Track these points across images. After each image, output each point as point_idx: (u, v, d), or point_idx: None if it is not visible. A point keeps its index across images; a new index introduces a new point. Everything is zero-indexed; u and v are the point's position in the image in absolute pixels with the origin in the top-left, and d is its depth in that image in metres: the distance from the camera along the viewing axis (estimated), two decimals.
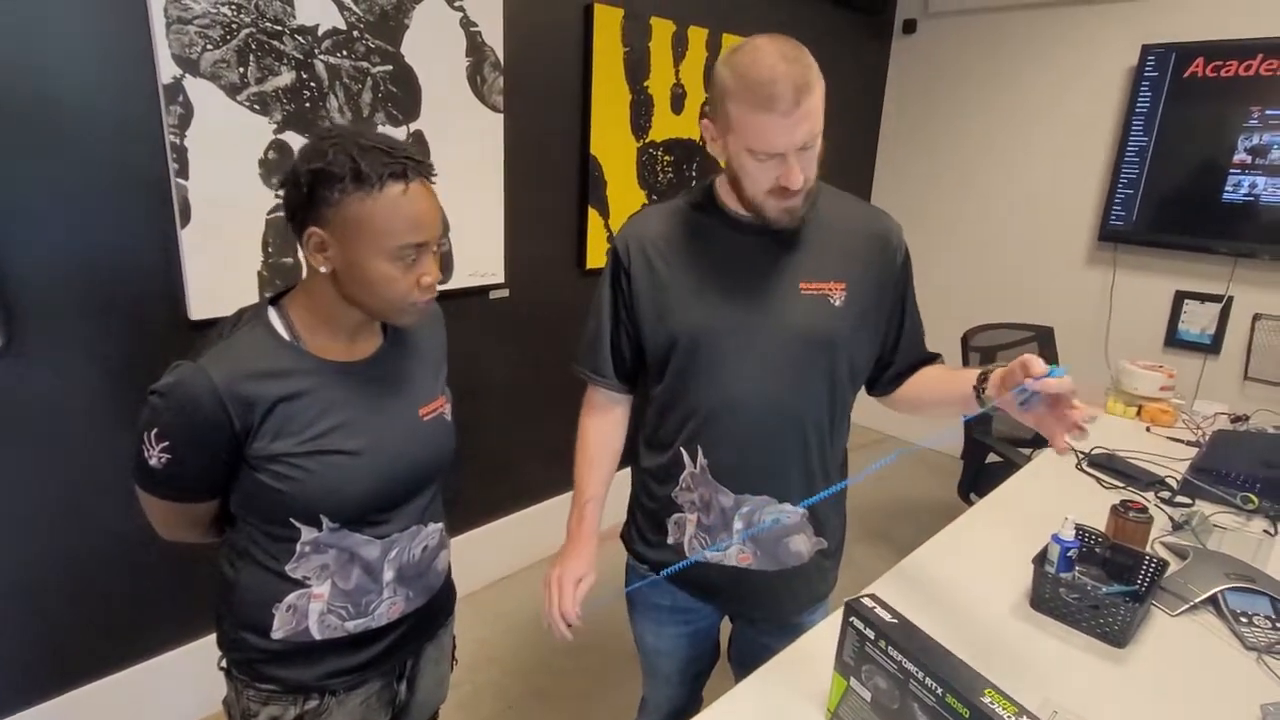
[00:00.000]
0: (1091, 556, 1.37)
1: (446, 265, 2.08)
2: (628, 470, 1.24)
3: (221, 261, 1.63)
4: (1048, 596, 1.25)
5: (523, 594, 2.50)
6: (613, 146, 2.40)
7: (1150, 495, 1.71)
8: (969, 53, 3.41)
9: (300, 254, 0.91)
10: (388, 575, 0.97)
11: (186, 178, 1.55)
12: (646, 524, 1.21)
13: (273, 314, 0.91)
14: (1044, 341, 2.64)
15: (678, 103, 2.58)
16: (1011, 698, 0.82)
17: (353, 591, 0.95)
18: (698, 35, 2.57)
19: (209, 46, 1.52)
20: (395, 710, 1.11)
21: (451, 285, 2.10)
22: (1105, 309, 3.17)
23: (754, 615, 1.25)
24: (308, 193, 0.83)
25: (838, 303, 1.05)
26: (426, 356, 1.05)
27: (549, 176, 2.33)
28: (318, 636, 0.95)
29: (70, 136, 1.43)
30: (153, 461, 0.86)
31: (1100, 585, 1.30)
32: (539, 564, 2.66)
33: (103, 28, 1.43)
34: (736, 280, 1.05)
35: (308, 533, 0.91)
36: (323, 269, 0.86)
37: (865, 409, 3.94)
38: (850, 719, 0.99)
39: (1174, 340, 3.03)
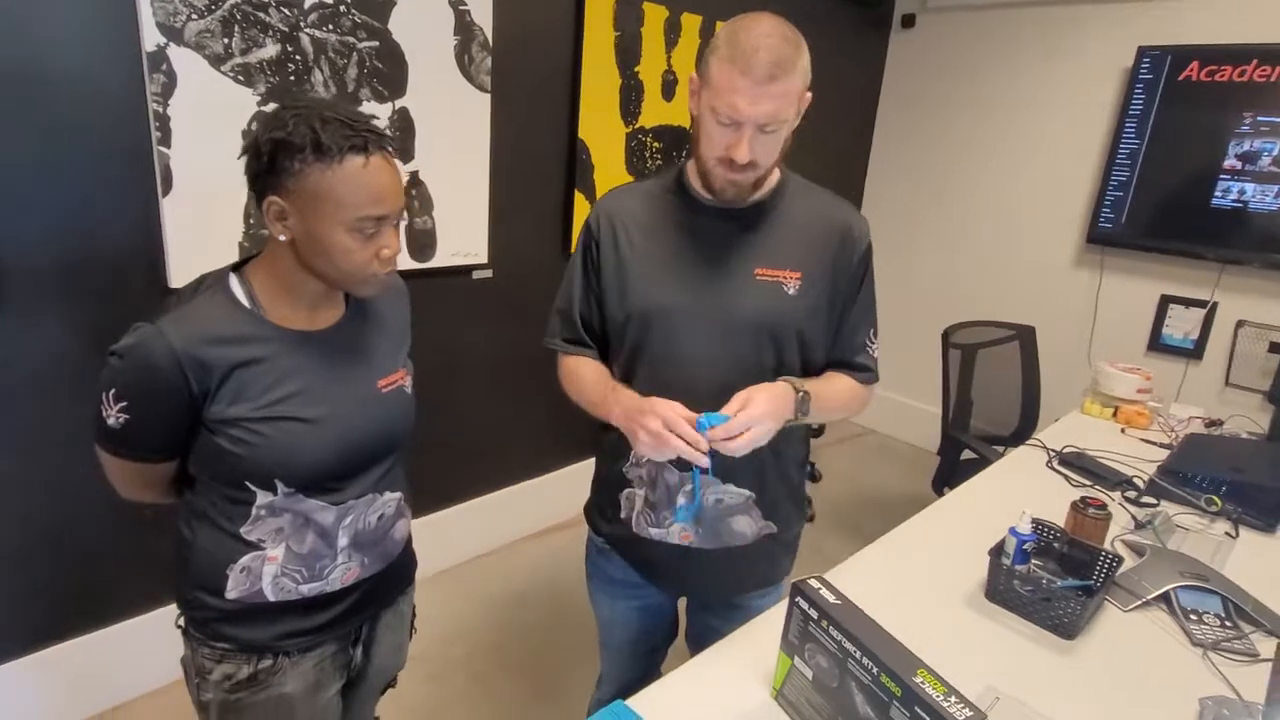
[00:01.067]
0: (1049, 551, 1.39)
1: (429, 244, 2.08)
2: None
3: (203, 231, 1.63)
4: (1001, 588, 1.28)
5: (499, 572, 2.52)
6: (601, 131, 2.40)
7: (1116, 494, 1.73)
8: (966, 49, 3.40)
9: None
10: (342, 541, 0.99)
11: (169, 146, 1.56)
12: (603, 498, 1.23)
13: (234, 281, 0.92)
14: (1025, 341, 2.65)
15: (669, 89, 2.58)
16: (943, 679, 0.84)
17: (307, 555, 0.97)
18: (691, 22, 2.56)
19: (193, 16, 1.53)
20: (351, 674, 1.13)
21: (434, 264, 2.11)
22: (1090, 311, 3.18)
23: (697, 594, 1.27)
24: (268, 161, 0.84)
25: (792, 291, 1.06)
26: (389, 329, 1.06)
27: (535, 159, 2.33)
28: (271, 598, 0.97)
29: (52, 102, 1.43)
30: (111, 421, 0.87)
31: (1055, 579, 1.32)
32: (516, 543, 2.68)
33: None
34: (694, 262, 1.07)
35: (263, 496, 0.93)
36: (281, 237, 0.87)
37: None
38: (793, 697, 1.01)
39: (1157, 344, 3.04)
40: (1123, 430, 2.20)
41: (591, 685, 1.48)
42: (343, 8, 1.74)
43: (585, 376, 1.14)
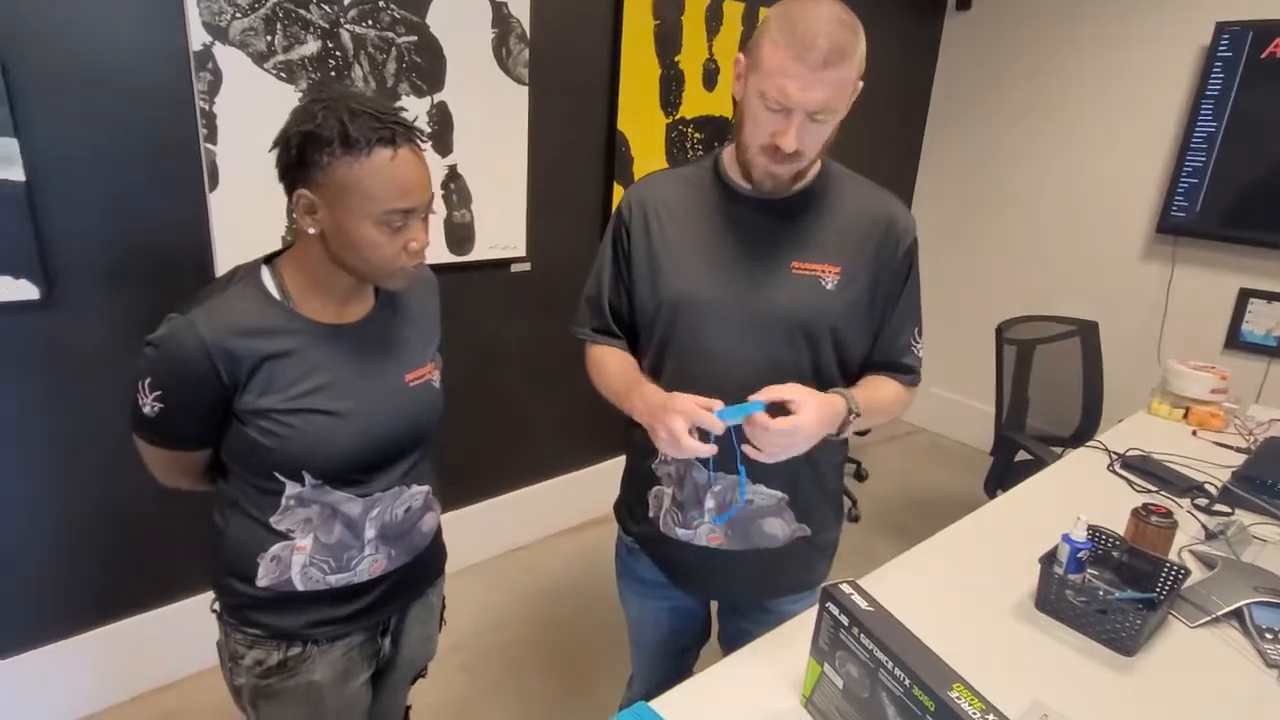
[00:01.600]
0: (1107, 560, 1.31)
1: (467, 238, 2.09)
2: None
3: (248, 225, 1.67)
4: (1053, 598, 1.21)
5: (534, 566, 2.54)
6: (641, 122, 2.37)
7: (1185, 502, 1.62)
8: (1027, 30, 3.24)
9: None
10: (369, 533, 0.99)
11: (215, 143, 1.60)
12: (631, 496, 1.20)
13: (266, 273, 0.93)
14: (1087, 337, 2.51)
15: (710, 79, 2.53)
16: (981, 695, 0.79)
17: (334, 546, 0.98)
18: (733, 10, 2.50)
19: (238, 14, 1.56)
20: (379, 664, 1.14)
21: (472, 257, 2.12)
22: (1160, 305, 3.00)
23: (726, 597, 1.24)
24: (297, 155, 0.84)
25: (830, 286, 1.01)
26: (418, 323, 1.06)
27: (574, 151, 2.32)
28: (300, 587, 0.98)
29: (105, 102, 1.49)
30: (146, 409, 0.89)
31: (1113, 590, 1.24)
32: (552, 537, 2.69)
33: None
34: (728, 253, 1.03)
35: (291, 487, 0.94)
36: (311, 230, 0.87)
37: None
38: (823, 705, 0.97)
39: (1236, 342, 2.85)
40: (1194, 433, 2.06)
41: (622, 683, 1.46)
42: (382, 3, 1.75)
43: (610, 367, 1.11)
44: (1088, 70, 3.09)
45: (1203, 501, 1.62)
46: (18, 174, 1.40)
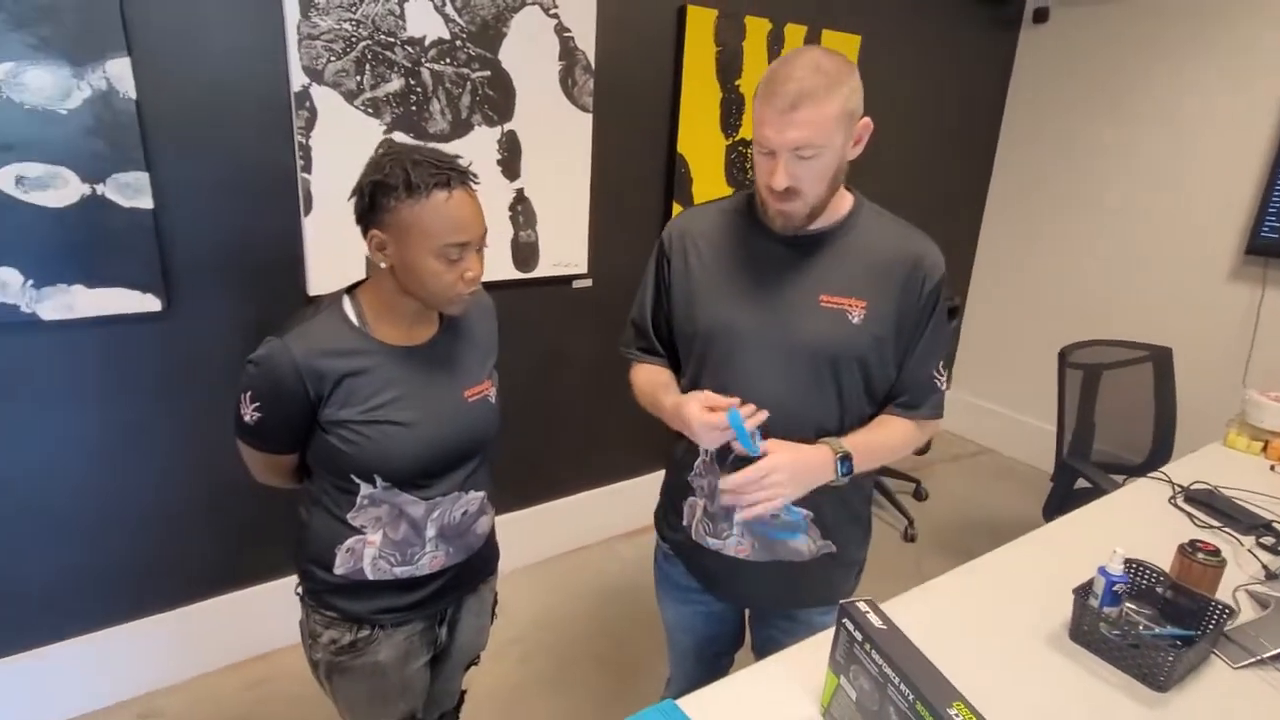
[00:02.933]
0: (1150, 595, 1.30)
1: (532, 256, 2.23)
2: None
3: (336, 246, 1.85)
4: (1086, 629, 1.21)
5: (592, 567, 2.65)
6: (701, 144, 2.46)
7: (1250, 539, 1.57)
8: (1108, 42, 3.14)
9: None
10: (430, 532, 1.12)
11: (310, 172, 1.79)
12: (668, 505, 1.29)
13: (347, 302, 1.07)
14: (1160, 363, 2.42)
15: None
16: (980, 713, 0.84)
17: (400, 542, 1.10)
18: (795, 33, 2.55)
19: (332, 58, 1.74)
20: (437, 650, 1.26)
21: (536, 274, 2.25)
22: (1248, 332, 2.84)
23: (754, 605, 1.30)
24: (369, 201, 0.98)
25: (856, 320, 1.06)
26: (477, 344, 1.18)
27: (635, 173, 2.42)
28: (370, 576, 1.11)
29: (220, 137, 1.69)
30: (247, 417, 1.04)
31: (1153, 626, 1.24)
32: (610, 540, 2.79)
33: (250, 45, 1.67)
34: (759, 284, 1.09)
35: (365, 488, 1.07)
36: (382, 265, 1.01)
37: (961, 417, 3.84)
38: (840, 715, 1.03)
39: None
40: (1272, 467, 1.97)
41: (665, 683, 1.54)
42: (459, 43, 1.90)
43: (642, 379, 1.21)
44: (1170, 84, 2.97)
45: (1269, 540, 1.56)
46: (147, 202, 1.61)
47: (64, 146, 1.49)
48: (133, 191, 1.58)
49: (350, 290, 1.09)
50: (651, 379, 1.20)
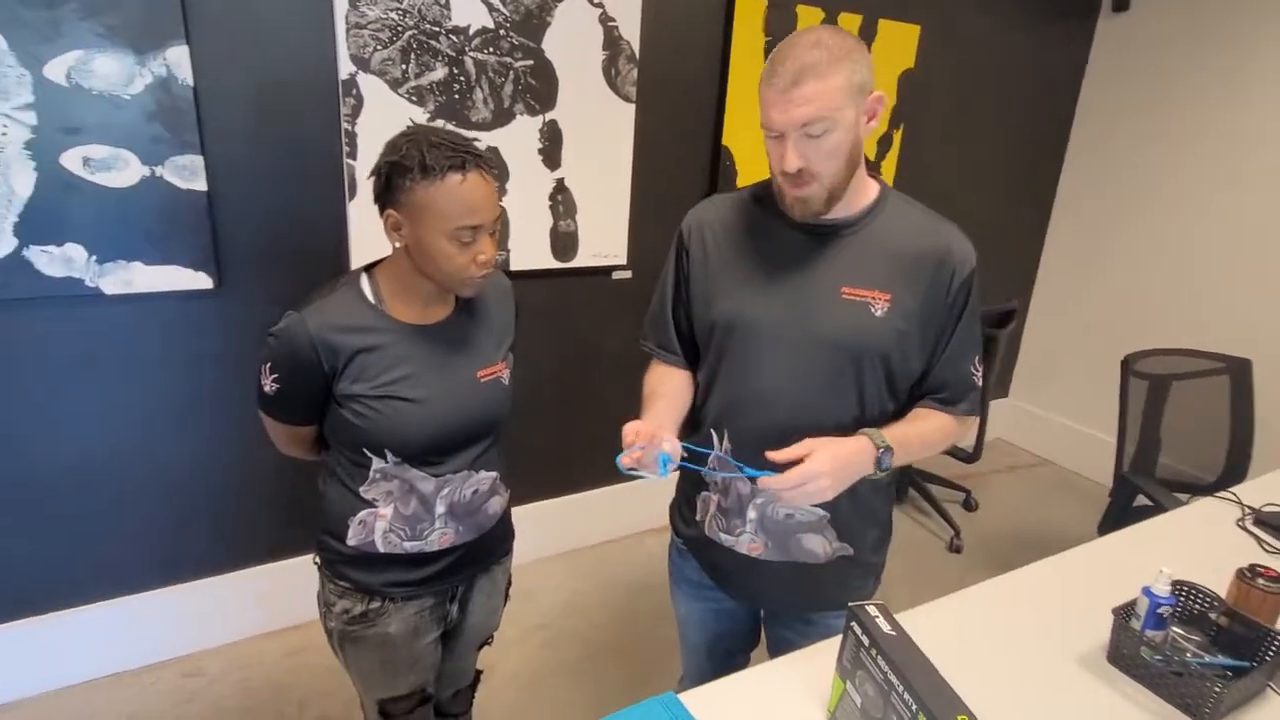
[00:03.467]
0: (1201, 621, 1.21)
1: (571, 246, 2.24)
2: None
3: (378, 231, 1.88)
4: (1126, 653, 1.14)
5: (621, 558, 2.65)
6: (747, 137, 2.41)
7: None
8: (1195, 31, 2.93)
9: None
10: (439, 509, 1.13)
11: (355, 159, 1.84)
12: (682, 499, 1.27)
13: (364, 280, 1.09)
14: (1238, 375, 2.25)
15: None
16: None
17: (410, 517, 1.12)
18: (849, 22, 2.48)
19: (378, 47, 1.78)
20: (448, 626, 1.28)
21: (575, 264, 2.26)
22: None
23: (767, 605, 1.26)
24: (385, 181, 0.99)
25: (879, 313, 1.02)
26: (492, 326, 1.19)
27: (678, 165, 2.40)
28: (381, 549, 1.13)
29: (271, 123, 1.76)
30: (266, 388, 1.08)
31: (1202, 654, 1.15)
32: (641, 534, 2.79)
33: (301, 34, 1.73)
34: (780, 275, 1.06)
35: (377, 462, 1.09)
36: (398, 245, 1.02)
37: (1019, 426, 3.69)
38: None
39: None
40: None
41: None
42: (502, 31, 1.93)
43: (646, 385, 1.19)
44: (1266, 77, 2.75)
45: None
46: (202, 185, 1.69)
47: (126, 130, 1.58)
48: (188, 174, 1.67)
49: (369, 269, 1.11)
50: (652, 387, 1.17)
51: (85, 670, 1.93)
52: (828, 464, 0.94)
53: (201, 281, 1.75)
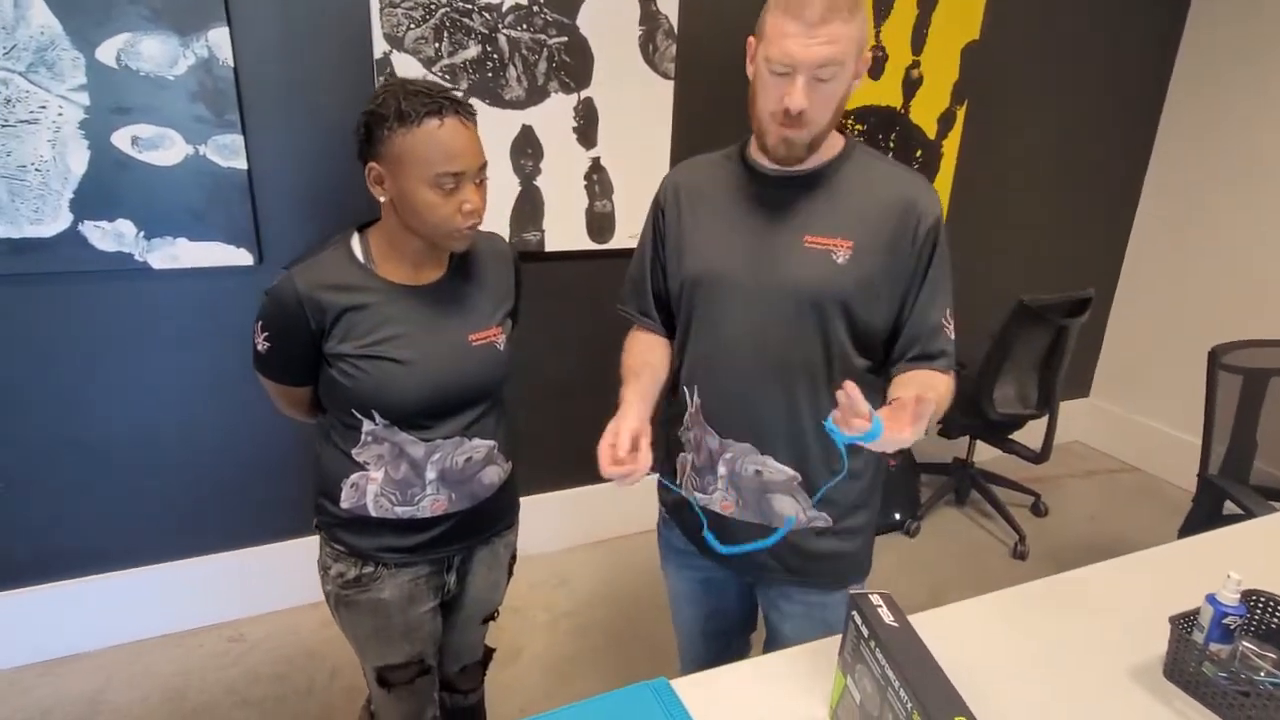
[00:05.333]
0: (1278, 637, 1.05)
1: (608, 227, 2.20)
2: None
3: None
4: (1188, 669, 1.00)
5: (652, 549, 2.58)
6: None
7: None
8: None
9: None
10: (430, 474, 1.11)
11: None
12: (665, 463, 1.23)
13: (355, 239, 1.08)
14: None
15: (876, 66, 2.39)
16: None
17: (400, 482, 1.11)
18: None
19: (411, 25, 1.80)
20: (445, 597, 1.26)
21: (612, 245, 2.22)
22: None
23: (750, 573, 1.20)
24: (365, 133, 0.98)
25: (841, 260, 1.00)
26: (489, 289, 1.16)
27: (719, 143, 2.26)
28: (373, 514, 1.12)
29: (307, 103, 1.80)
30: (259, 347, 1.09)
31: (1277, 673, 1.00)
32: None
33: (337, 14, 1.76)
34: (746, 229, 1.05)
35: (367, 424, 1.08)
36: (381, 199, 1.01)
37: (1101, 430, 3.43)
38: (845, 719, 0.91)
39: None
40: None
41: None
42: (535, 8, 1.91)
43: (627, 357, 1.18)
44: None
45: None
46: (242, 164, 1.75)
47: (171, 110, 1.65)
48: (229, 152, 1.73)
49: (363, 228, 1.10)
50: (629, 363, 1.16)
51: (138, 629, 2.04)
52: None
53: (242, 258, 1.81)
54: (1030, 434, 2.61)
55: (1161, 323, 3.18)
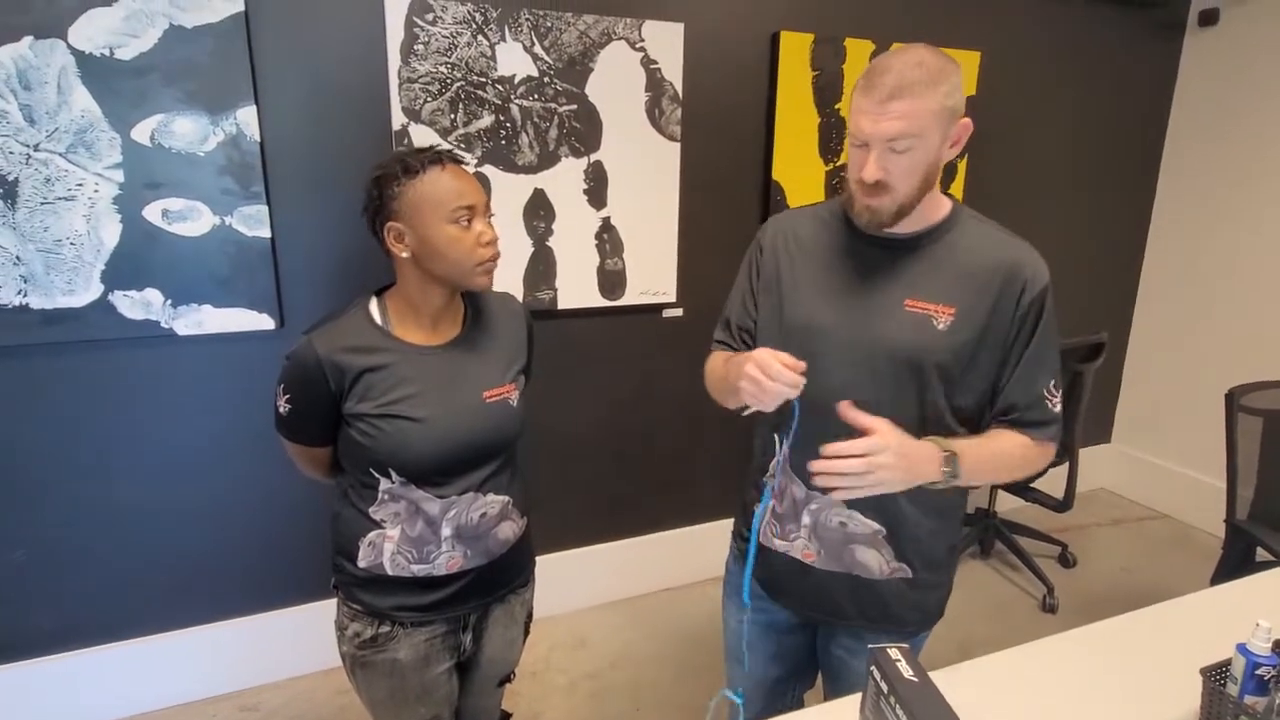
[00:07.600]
0: None
1: (619, 284, 2.24)
2: None
3: None
4: None
5: (677, 609, 2.53)
6: (798, 171, 2.38)
7: None
8: None
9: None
10: (445, 531, 1.12)
11: None
12: (742, 506, 1.27)
13: (373, 303, 1.12)
14: None
15: None
16: None
17: (416, 539, 1.11)
18: None
19: (428, 99, 1.89)
20: (461, 657, 1.24)
21: (624, 302, 2.26)
22: None
23: (821, 612, 1.19)
24: (377, 196, 1.05)
25: (941, 326, 1.02)
26: (502, 347, 1.19)
27: (727, 202, 2.38)
28: (389, 572, 1.12)
29: (327, 174, 1.88)
30: (281, 409, 1.11)
31: None
32: (699, 583, 2.66)
33: (358, 91, 1.86)
34: (846, 286, 1.08)
35: (384, 483, 1.09)
36: (404, 254, 1.06)
37: (1126, 475, 3.39)
38: None
39: None
40: None
41: None
42: (546, 79, 2.00)
43: (716, 359, 1.20)
44: None
45: None
46: (266, 232, 1.82)
47: (200, 184, 1.73)
48: (254, 222, 1.80)
49: (380, 293, 1.14)
50: (727, 356, 1.17)
51: (152, 699, 2.01)
52: (895, 443, 0.92)
53: (265, 323, 1.86)
54: (1052, 482, 2.56)
55: (1178, 365, 3.16)
